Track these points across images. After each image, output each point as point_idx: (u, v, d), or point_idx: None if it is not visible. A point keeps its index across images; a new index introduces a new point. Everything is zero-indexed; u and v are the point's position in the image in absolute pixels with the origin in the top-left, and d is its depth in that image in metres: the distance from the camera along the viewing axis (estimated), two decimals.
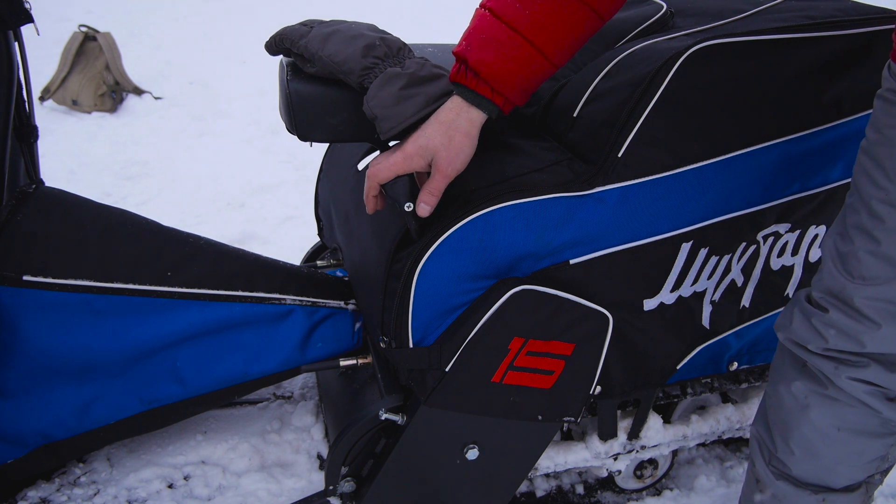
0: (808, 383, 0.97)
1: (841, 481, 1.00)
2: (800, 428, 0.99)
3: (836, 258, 0.92)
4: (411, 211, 1.02)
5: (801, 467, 1.01)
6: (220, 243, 1.35)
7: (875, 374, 0.91)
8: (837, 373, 0.93)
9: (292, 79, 1.01)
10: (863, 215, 0.89)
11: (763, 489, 1.07)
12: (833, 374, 0.94)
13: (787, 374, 1.00)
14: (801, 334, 0.97)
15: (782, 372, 1.02)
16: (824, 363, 0.95)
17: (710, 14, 1.18)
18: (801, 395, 0.98)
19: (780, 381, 1.02)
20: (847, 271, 0.90)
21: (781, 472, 1.03)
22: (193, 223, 2.52)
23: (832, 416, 0.96)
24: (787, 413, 1.01)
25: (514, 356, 1.06)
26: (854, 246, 0.89)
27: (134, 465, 1.38)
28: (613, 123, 1.03)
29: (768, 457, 1.05)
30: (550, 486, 1.50)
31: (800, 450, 1.00)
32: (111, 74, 3.65)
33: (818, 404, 0.96)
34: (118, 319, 1.24)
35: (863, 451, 0.98)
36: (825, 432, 0.97)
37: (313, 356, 1.34)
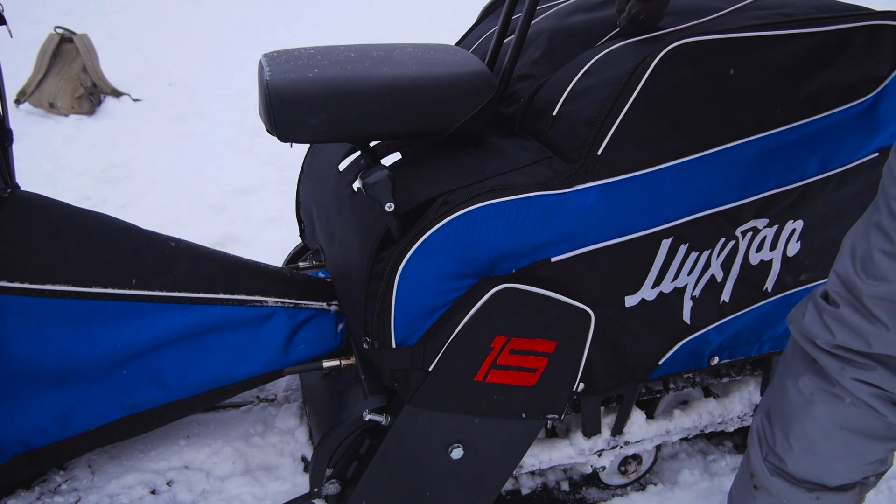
0: (815, 379, 0.97)
1: (836, 480, 1.00)
2: (801, 423, 0.99)
3: (853, 255, 0.92)
4: (392, 211, 1.02)
5: (797, 463, 1.01)
6: (200, 246, 1.34)
7: (881, 378, 0.91)
8: (843, 373, 0.93)
9: (272, 79, 1.00)
10: (883, 214, 0.88)
11: (758, 484, 1.07)
12: (839, 374, 0.94)
13: (796, 368, 1.00)
14: (811, 328, 0.97)
15: (791, 366, 1.01)
16: (831, 361, 0.95)
17: (688, 13, 1.19)
18: (807, 390, 0.97)
19: (788, 375, 1.01)
20: (862, 269, 0.90)
21: (777, 468, 1.03)
22: (174, 226, 2.50)
23: (836, 414, 0.95)
24: (790, 407, 1.01)
25: (497, 355, 1.07)
26: (870, 244, 0.89)
27: (116, 471, 1.37)
28: (592, 122, 1.03)
29: (766, 451, 1.05)
30: (536, 483, 1.50)
31: (799, 445, 1.00)
32: (88, 76, 3.61)
33: (823, 401, 0.96)
34: (97, 324, 1.23)
35: (863, 453, 0.97)
36: (827, 430, 0.97)
37: (296, 358, 1.34)
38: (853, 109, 1.15)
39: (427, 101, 1.05)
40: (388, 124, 1.05)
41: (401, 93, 1.03)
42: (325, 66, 1.04)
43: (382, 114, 1.03)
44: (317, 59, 1.06)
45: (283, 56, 1.09)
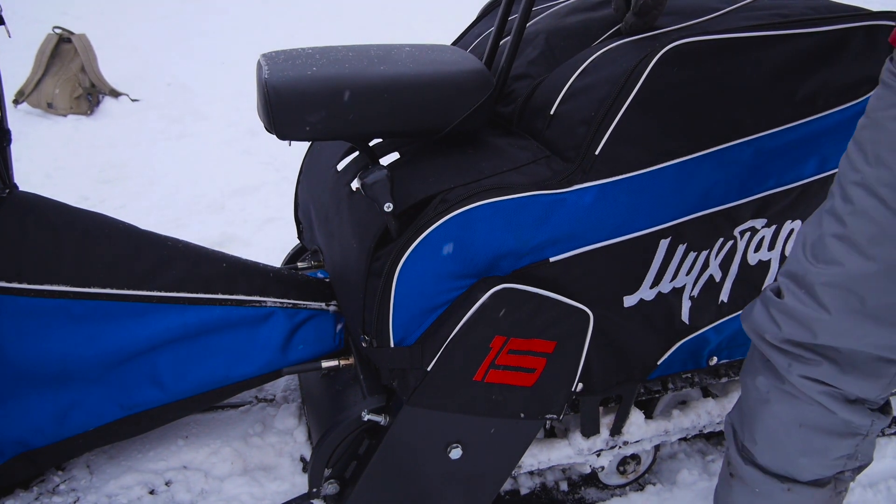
0: (770, 378, 0.97)
1: (806, 475, 1.00)
2: (762, 420, 0.99)
3: (805, 243, 0.92)
4: (391, 211, 1.02)
5: (764, 457, 1.02)
6: (199, 246, 1.34)
7: (827, 373, 0.90)
8: (791, 370, 0.93)
9: (270, 77, 1.00)
10: (837, 199, 0.88)
11: (733, 472, 1.08)
12: (786, 371, 0.94)
13: (753, 366, 1.01)
14: (760, 323, 0.97)
15: (750, 365, 1.02)
16: (779, 357, 0.95)
17: (686, 12, 1.19)
18: (763, 388, 0.98)
19: (747, 374, 1.03)
20: (813, 255, 0.90)
21: (749, 459, 1.04)
22: (172, 226, 2.50)
23: (792, 412, 0.95)
24: (751, 405, 1.01)
25: (496, 354, 1.07)
26: (822, 230, 0.89)
27: (114, 471, 1.37)
28: (590, 121, 1.03)
29: (740, 444, 1.06)
30: (534, 483, 1.50)
31: (762, 441, 1.00)
32: (87, 76, 3.61)
33: (779, 399, 0.96)
34: (96, 325, 1.23)
35: (826, 449, 0.97)
36: (786, 427, 0.97)
37: (295, 358, 1.33)
38: (851, 109, 1.15)
39: (425, 99, 1.05)
40: (386, 122, 1.05)
41: (398, 91, 1.03)
42: (323, 65, 1.04)
43: (380, 112, 1.03)
44: (315, 59, 1.06)
45: (282, 55, 1.09)
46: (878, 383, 0.90)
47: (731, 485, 1.09)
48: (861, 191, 0.85)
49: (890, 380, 0.90)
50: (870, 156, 0.84)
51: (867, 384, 0.90)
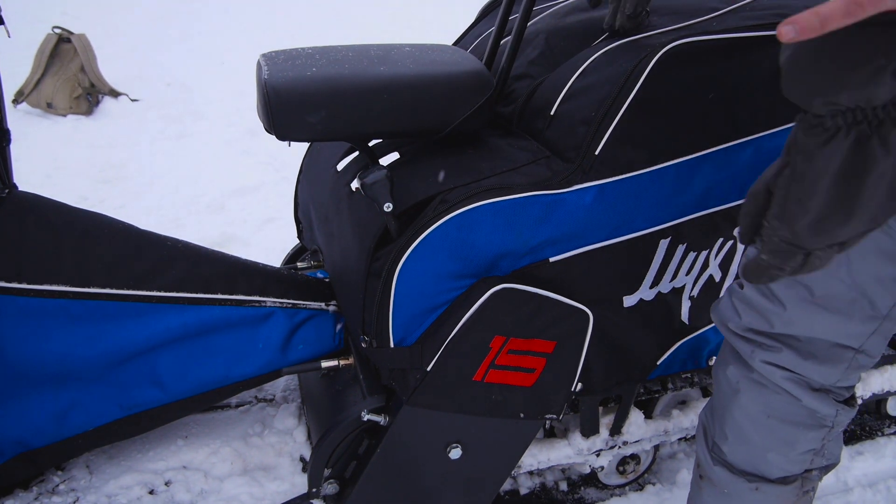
0: (739, 367, 0.98)
1: (774, 472, 1.00)
2: (732, 413, 1.00)
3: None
4: (391, 211, 1.02)
5: (734, 453, 1.02)
6: (198, 246, 1.34)
7: (788, 360, 0.92)
8: (754, 356, 0.94)
9: (270, 77, 1.00)
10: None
11: (703, 474, 1.08)
12: (750, 358, 0.95)
13: (725, 359, 1.02)
14: (724, 312, 0.99)
15: (721, 357, 1.03)
16: (743, 345, 0.96)
17: (685, 12, 1.19)
18: (733, 379, 0.99)
19: (719, 367, 1.03)
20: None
21: (719, 458, 1.04)
22: (172, 226, 2.50)
23: (760, 402, 0.96)
24: (723, 397, 1.02)
25: (496, 354, 1.07)
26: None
27: (114, 471, 1.37)
28: (590, 121, 1.03)
29: (710, 443, 1.06)
30: (534, 483, 1.50)
31: (732, 434, 1.01)
32: (86, 76, 3.61)
33: (747, 389, 0.97)
34: (95, 325, 1.23)
35: (793, 441, 0.97)
36: (754, 418, 0.97)
37: (295, 358, 1.33)
38: None
39: (425, 99, 1.05)
40: (386, 123, 1.05)
41: (398, 91, 1.03)
42: (323, 65, 1.04)
43: (380, 112, 1.03)
44: (315, 59, 1.06)
45: (281, 56, 1.09)
46: (837, 368, 0.92)
47: (700, 487, 1.09)
48: None
49: (848, 364, 0.92)
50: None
51: (827, 370, 0.92)
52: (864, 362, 0.93)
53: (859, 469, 1.56)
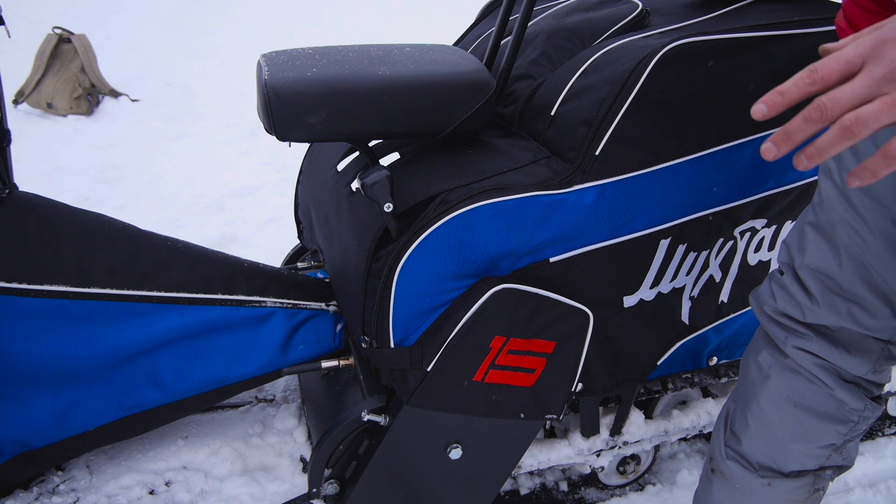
0: (772, 353, 0.99)
1: (790, 464, 1.00)
2: (758, 399, 1.00)
3: (796, 227, 0.96)
4: (391, 211, 1.02)
5: (753, 442, 1.02)
6: (198, 246, 1.34)
7: (819, 347, 0.93)
8: (787, 341, 0.96)
9: (270, 78, 1.00)
10: (816, 191, 0.94)
11: (715, 468, 1.08)
12: (783, 343, 0.96)
13: (758, 345, 1.03)
14: (762, 295, 1.00)
15: (754, 344, 1.04)
16: (776, 329, 0.97)
17: (685, 12, 1.20)
18: (765, 364, 1.00)
19: (751, 354, 1.04)
20: (798, 242, 0.94)
21: (734, 452, 1.04)
22: (172, 226, 2.50)
23: (790, 388, 0.97)
24: (750, 384, 1.02)
25: (496, 355, 1.07)
26: (805, 218, 0.94)
27: (114, 471, 1.36)
28: (590, 122, 1.03)
29: (727, 435, 1.06)
30: (534, 483, 1.50)
31: (755, 422, 1.01)
32: (87, 77, 3.61)
33: (778, 375, 0.98)
34: (96, 325, 1.23)
35: (816, 433, 0.98)
36: (781, 405, 0.98)
37: (295, 358, 1.33)
38: None
39: (425, 100, 1.05)
40: (386, 123, 1.05)
41: (399, 92, 1.03)
42: (323, 66, 1.04)
43: (380, 113, 1.03)
44: (315, 59, 1.06)
45: (282, 56, 1.09)
46: (868, 359, 0.92)
47: (710, 481, 1.09)
48: (828, 182, 0.89)
49: (878, 356, 0.92)
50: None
51: (857, 360, 0.92)
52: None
53: (860, 469, 1.56)
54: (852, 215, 0.86)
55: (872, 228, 0.84)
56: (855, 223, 0.86)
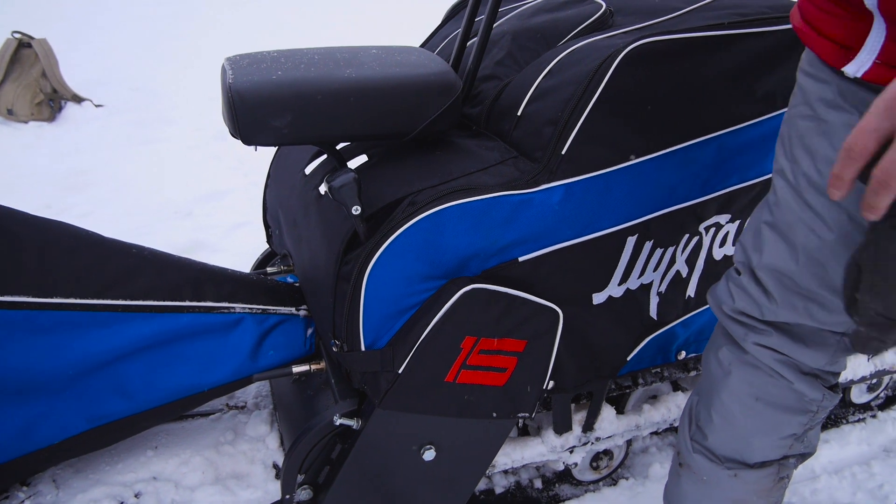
0: (732, 349, 1.01)
1: (755, 456, 1.02)
2: (720, 395, 1.02)
3: (750, 227, 0.98)
4: (359, 214, 1.01)
5: (718, 436, 1.04)
6: (165, 253, 1.32)
7: (779, 343, 0.95)
8: (746, 338, 0.97)
9: (234, 82, 0.99)
10: (771, 189, 0.95)
11: (682, 461, 1.10)
12: (742, 340, 0.98)
13: (718, 341, 1.04)
14: (720, 295, 1.02)
15: (714, 341, 1.06)
16: (735, 327, 0.99)
17: (648, 12, 1.21)
18: (725, 361, 1.01)
19: (711, 351, 1.06)
20: (754, 241, 0.95)
21: (699, 446, 1.06)
22: (139, 233, 2.46)
23: (750, 384, 0.99)
24: (712, 380, 1.04)
25: (467, 355, 1.07)
26: (761, 218, 0.95)
27: (81, 485, 1.34)
28: (556, 121, 1.04)
29: (693, 430, 1.08)
30: (509, 482, 1.51)
31: (719, 417, 1.03)
32: (48, 82, 3.54)
33: (738, 371, 1.00)
34: (60, 335, 1.20)
35: (778, 425, 1.00)
36: (743, 401, 1.00)
37: (266, 364, 1.32)
38: None
39: (392, 102, 1.05)
40: (353, 126, 1.04)
41: (365, 94, 1.03)
42: (288, 69, 1.03)
43: (347, 115, 1.02)
44: (280, 62, 1.06)
45: (246, 59, 1.08)
46: (826, 352, 0.95)
47: (679, 475, 1.11)
48: (782, 182, 0.91)
49: (835, 348, 0.95)
50: (787, 150, 0.90)
51: (815, 353, 0.95)
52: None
53: (825, 457, 1.60)
54: (809, 215, 0.87)
55: (830, 226, 0.86)
56: (812, 223, 0.87)
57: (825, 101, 0.84)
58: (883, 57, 0.74)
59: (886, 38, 0.73)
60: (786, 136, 0.91)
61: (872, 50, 0.74)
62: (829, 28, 0.80)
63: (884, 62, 0.74)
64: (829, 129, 0.83)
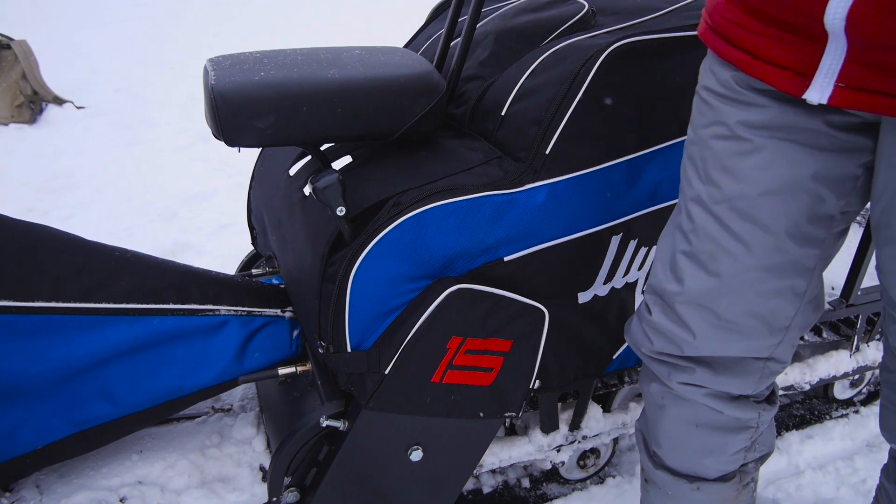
0: (660, 385, 0.99)
1: (712, 473, 1.02)
2: (662, 424, 1.01)
3: (663, 259, 0.94)
4: (343, 215, 1.01)
5: (671, 459, 1.03)
6: (148, 256, 1.31)
7: (703, 378, 0.93)
8: (670, 378, 0.95)
9: (217, 83, 0.99)
10: (682, 215, 0.91)
11: (647, 478, 1.10)
12: (667, 379, 0.96)
13: (647, 375, 1.03)
14: (636, 337, 1.00)
15: (645, 373, 1.04)
16: (658, 367, 0.97)
17: (630, 12, 1.22)
18: (657, 395, 1.00)
19: (643, 382, 1.04)
20: (670, 271, 0.92)
21: (660, 463, 1.06)
22: (123, 236, 2.44)
23: (685, 415, 0.97)
24: (651, 411, 1.03)
25: (453, 355, 1.07)
26: (675, 246, 0.91)
27: (65, 490, 1.32)
28: (540, 121, 1.05)
29: (651, 451, 1.07)
30: (497, 481, 1.51)
31: (666, 444, 1.02)
32: (28, 84, 3.50)
33: (672, 404, 0.98)
34: (42, 339, 1.19)
35: (724, 446, 0.99)
36: (684, 430, 0.99)
37: (251, 366, 1.31)
38: None
39: (376, 102, 1.04)
40: (337, 127, 1.04)
41: (349, 95, 1.02)
42: (271, 70, 1.03)
43: (331, 116, 1.02)
44: (263, 63, 1.05)
45: (229, 60, 1.07)
46: (751, 378, 0.93)
47: (647, 490, 1.11)
48: (699, 208, 0.87)
49: (760, 374, 0.93)
50: (701, 172, 0.86)
51: (741, 381, 0.93)
52: (776, 368, 0.94)
53: (809, 452, 1.61)
54: (732, 243, 0.84)
55: (755, 253, 0.83)
56: (735, 250, 0.84)
57: (749, 124, 0.80)
58: (845, 80, 0.69)
59: (846, 60, 0.68)
60: (697, 158, 0.87)
61: (829, 73, 0.70)
62: (777, 54, 0.74)
63: (848, 85, 0.69)
64: (754, 148, 0.80)
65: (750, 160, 0.80)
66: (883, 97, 0.68)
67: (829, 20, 0.66)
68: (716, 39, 0.82)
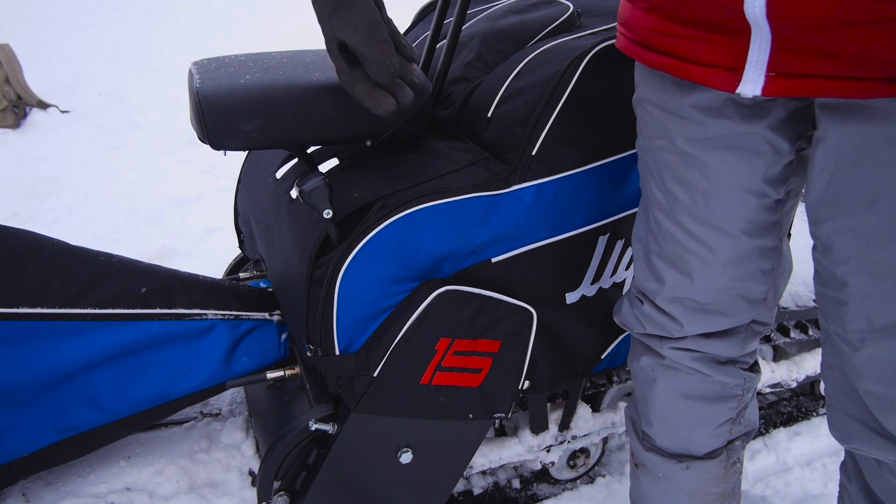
0: (651, 357, 1.04)
1: (700, 449, 1.06)
2: (653, 400, 1.06)
3: (639, 257, 1.00)
4: (331, 217, 1.01)
5: (661, 438, 1.07)
6: (134, 260, 1.30)
7: (692, 343, 0.99)
8: (661, 344, 1.01)
9: (202, 86, 0.98)
10: (650, 219, 0.95)
11: (637, 462, 1.13)
12: (658, 347, 1.02)
13: (636, 351, 1.08)
14: (627, 321, 1.05)
15: (634, 350, 1.09)
16: (650, 339, 1.03)
17: (615, 13, 1.22)
18: (648, 368, 1.05)
19: (633, 359, 1.09)
20: (649, 270, 0.97)
21: (650, 445, 1.09)
22: (109, 240, 2.42)
23: (675, 385, 1.02)
24: (642, 387, 1.07)
25: (442, 357, 1.07)
26: (649, 247, 0.97)
27: (52, 497, 1.31)
28: (526, 122, 1.05)
29: (641, 433, 1.11)
30: (487, 482, 1.51)
31: (656, 421, 1.06)
32: (12, 88, 3.47)
33: (663, 376, 1.03)
34: (26, 346, 1.18)
35: (712, 416, 1.04)
36: (673, 402, 1.03)
37: (239, 370, 1.31)
38: None
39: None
40: (323, 129, 1.04)
41: (335, 97, 1.02)
42: (256, 73, 1.02)
43: (317, 119, 1.02)
44: (248, 66, 1.05)
45: (213, 63, 1.07)
46: (736, 341, 1.00)
47: (638, 476, 1.14)
48: (662, 214, 0.92)
49: (744, 335, 1.00)
50: (657, 181, 0.91)
51: (727, 344, 0.99)
52: (760, 329, 1.02)
53: (797, 449, 1.62)
54: (697, 246, 0.89)
55: (719, 252, 0.88)
56: (701, 252, 0.89)
57: (689, 138, 0.83)
58: (775, 68, 0.69)
59: (773, 48, 0.68)
60: (652, 167, 0.91)
61: (759, 64, 0.70)
62: (705, 54, 0.74)
63: (779, 73, 0.69)
64: (697, 162, 0.84)
65: (695, 172, 0.85)
66: (814, 79, 0.68)
67: (750, 11, 0.67)
68: (641, 50, 0.84)
